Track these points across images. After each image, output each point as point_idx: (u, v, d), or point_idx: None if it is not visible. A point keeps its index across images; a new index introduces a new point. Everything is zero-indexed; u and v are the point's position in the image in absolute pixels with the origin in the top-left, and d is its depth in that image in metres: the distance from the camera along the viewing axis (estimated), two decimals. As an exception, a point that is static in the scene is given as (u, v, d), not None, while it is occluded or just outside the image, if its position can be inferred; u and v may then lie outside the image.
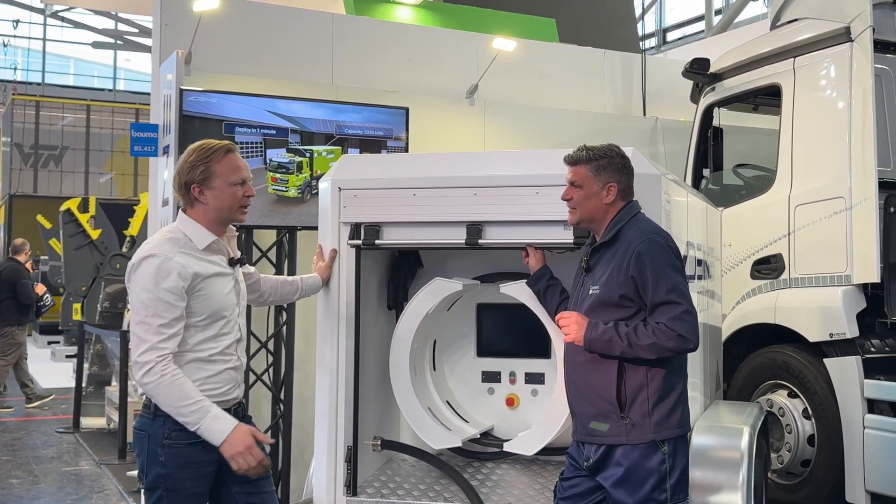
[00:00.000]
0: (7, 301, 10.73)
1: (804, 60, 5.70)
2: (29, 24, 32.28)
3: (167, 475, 3.03)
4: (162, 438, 3.03)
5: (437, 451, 3.95)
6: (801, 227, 5.53)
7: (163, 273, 2.98)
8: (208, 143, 3.19)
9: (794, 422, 5.45)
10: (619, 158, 3.28)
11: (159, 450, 3.03)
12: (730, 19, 18.23)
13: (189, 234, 3.11)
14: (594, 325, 3.11)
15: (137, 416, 3.16)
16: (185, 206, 3.17)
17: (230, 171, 3.14)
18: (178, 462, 3.03)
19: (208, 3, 5.76)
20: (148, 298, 2.97)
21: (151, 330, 2.96)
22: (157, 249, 3.03)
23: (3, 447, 8.65)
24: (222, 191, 3.13)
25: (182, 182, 3.14)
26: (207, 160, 3.12)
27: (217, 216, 3.16)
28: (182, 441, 3.02)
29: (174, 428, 3.02)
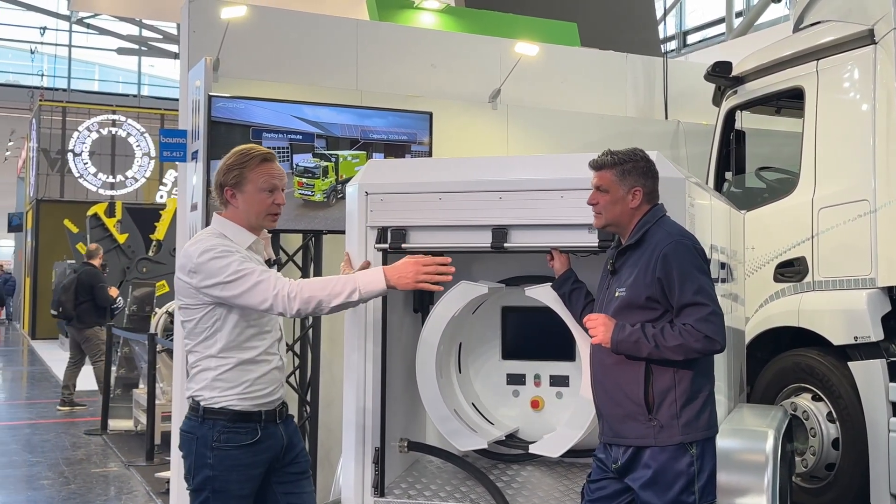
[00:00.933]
0: (85, 304, 10.89)
1: (828, 63, 5.70)
2: (55, 31, 32.66)
3: (214, 477, 3.08)
4: (211, 441, 3.08)
5: (462, 453, 3.98)
6: (825, 230, 5.52)
7: (226, 253, 3.07)
8: (249, 149, 3.27)
9: (818, 425, 5.45)
10: (644, 162, 3.31)
11: (208, 452, 3.08)
12: (750, 22, 18.17)
13: (229, 235, 3.19)
14: (621, 326, 3.14)
15: (185, 418, 3.21)
16: (220, 207, 3.25)
17: (262, 178, 3.21)
18: (227, 464, 3.09)
19: (236, 11, 5.85)
20: (234, 270, 3.03)
21: (254, 283, 3.02)
22: (212, 243, 3.12)
23: (33, 449, 8.78)
24: (252, 196, 3.20)
25: (217, 182, 3.23)
26: (242, 165, 3.19)
27: (247, 220, 3.23)
28: (231, 444, 3.09)
29: (223, 431, 3.08)
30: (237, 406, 3.11)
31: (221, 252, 3.07)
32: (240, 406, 3.12)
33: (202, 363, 3.15)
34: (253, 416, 3.14)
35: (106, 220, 14.63)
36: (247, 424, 3.12)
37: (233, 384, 3.11)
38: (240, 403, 3.12)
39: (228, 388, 3.11)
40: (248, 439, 3.10)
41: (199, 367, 3.16)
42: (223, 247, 3.10)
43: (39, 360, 17.22)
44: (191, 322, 3.16)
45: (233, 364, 3.11)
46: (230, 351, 3.11)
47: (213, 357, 3.13)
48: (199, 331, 3.14)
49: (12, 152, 30.31)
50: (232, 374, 3.10)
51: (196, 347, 3.16)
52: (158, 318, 8.78)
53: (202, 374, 3.15)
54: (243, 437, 3.09)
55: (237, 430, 3.10)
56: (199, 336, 3.14)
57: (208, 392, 3.12)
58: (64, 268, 19.15)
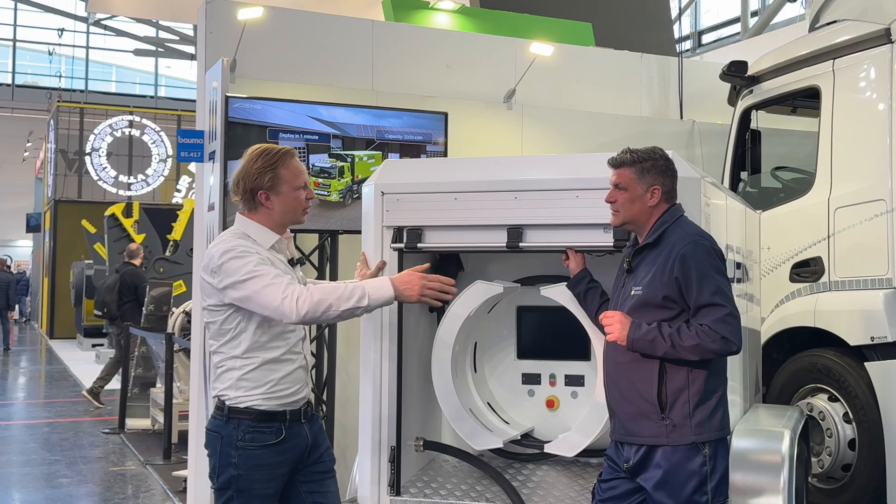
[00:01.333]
0: (130, 303, 11.01)
1: (844, 62, 5.68)
2: (73, 33, 32.88)
3: (239, 476, 3.09)
4: (236, 441, 3.10)
5: (478, 452, 4.00)
6: (841, 230, 5.50)
7: (246, 254, 3.08)
8: (271, 149, 3.25)
9: (834, 426, 5.43)
10: (664, 161, 3.31)
11: (232, 451, 3.10)
12: (766, 21, 18.10)
13: (253, 235, 3.19)
14: (637, 325, 3.14)
15: (211, 417, 3.23)
16: (247, 210, 3.24)
17: (295, 176, 3.22)
18: (251, 464, 3.10)
19: (252, 12, 5.88)
20: (248, 270, 3.04)
21: (265, 285, 3.02)
22: (234, 244, 3.12)
23: (52, 447, 8.86)
24: (288, 195, 3.21)
25: (248, 188, 3.19)
26: (274, 166, 3.18)
27: (281, 220, 3.24)
28: (255, 443, 3.10)
29: (248, 430, 3.10)
30: (262, 406, 3.12)
31: (241, 252, 3.08)
32: (265, 406, 3.13)
33: (227, 363, 3.16)
34: (277, 416, 3.15)
35: (123, 220, 14.73)
36: (271, 424, 3.13)
37: (257, 384, 3.12)
38: (265, 403, 3.13)
39: (253, 388, 3.12)
40: (273, 439, 3.12)
41: (224, 367, 3.18)
42: (243, 247, 3.11)
43: (57, 360, 17.35)
44: (215, 323, 3.18)
45: (257, 364, 3.12)
46: (255, 351, 3.12)
47: (238, 357, 3.13)
48: (223, 331, 3.15)
49: (30, 153, 30.57)
50: (256, 374, 3.11)
51: (221, 348, 3.18)
52: (175, 317, 8.85)
53: (227, 374, 3.16)
54: (268, 437, 3.10)
55: (262, 430, 3.11)
56: (224, 336, 3.15)
57: (233, 392, 3.13)
58: (81, 267, 19.35)
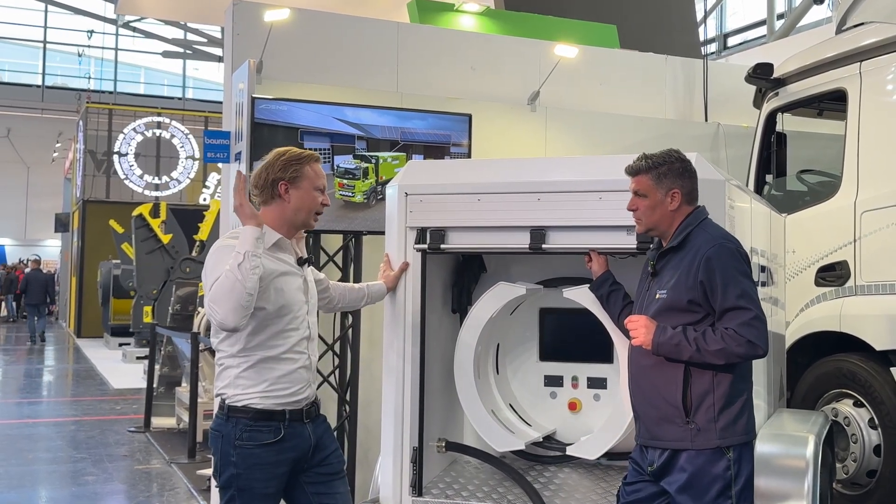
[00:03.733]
0: None
1: (871, 65, 5.63)
2: (102, 35, 33.24)
3: (238, 475, 3.11)
4: (234, 439, 3.12)
5: (500, 454, 4.00)
6: (868, 234, 5.46)
7: (226, 251, 3.08)
8: (298, 150, 3.35)
9: (859, 431, 5.38)
10: (680, 163, 3.29)
11: (231, 450, 3.12)
12: (792, 24, 17.96)
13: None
14: (662, 329, 3.13)
15: (212, 416, 3.27)
16: (262, 203, 3.27)
17: (316, 177, 3.30)
18: (249, 463, 3.12)
19: (279, 14, 5.93)
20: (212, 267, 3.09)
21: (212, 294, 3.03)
22: (220, 243, 3.19)
23: (79, 445, 8.95)
24: (307, 192, 3.27)
25: (270, 178, 3.24)
26: (300, 161, 3.27)
27: (293, 216, 3.27)
28: (253, 442, 3.11)
29: (245, 429, 3.11)
30: (259, 404, 3.13)
31: (217, 256, 3.11)
32: (262, 404, 3.13)
33: (226, 361, 3.19)
34: (276, 415, 3.15)
35: (151, 220, 14.85)
36: (269, 423, 3.14)
37: (254, 382, 3.13)
38: (262, 402, 3.13)
39: (251, 387, 3.13)
40: (271, 438, 3.12)
41: (223, 365, 3.20)
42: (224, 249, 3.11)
43: (84, 359, 17.52)
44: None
45: (254, 362, 3.14)
46: (252, 349, 3.13)
47: (235, 356, 3.15)
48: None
49: (60, 154, 30.90)
50: (253, 372, 3.13)
51: (220, 345, 3.20)
52: (201, 317, 8.91)
53: (226, 372, 3.19)
54: (266, 436, 3.11)
55: (259, 429, 3.12)
56: (222, 334, 3.16)
57: (231, 390, 3.15)
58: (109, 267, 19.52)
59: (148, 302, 14.55)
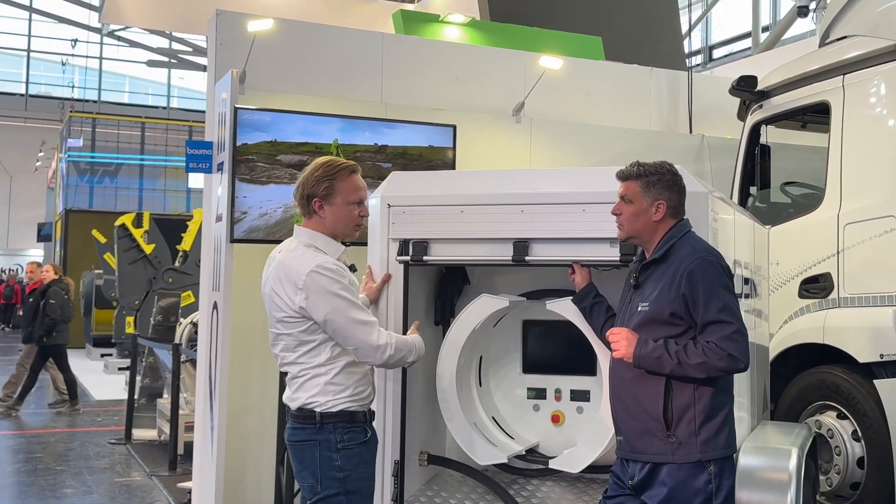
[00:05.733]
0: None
1: (854, 78, 5.66)
2: (87, 44, 33.13)
3: (347, 477, 3.21)
4: (335, 443, 3.21)
5: (482, 467, 3.97)
6: (851, 246, 5.47)
7: (337, 273, 3.21)
8: (336, 161, 3.37)
9: (843, 444, 5.38)
10: (671, 175, 3.30)
11: (335, 455, 3.21)
12: (777, 36, 18.10)
13: (321, 247, 3.30)
14: (644, 342, 3.13)
15: (290, 429, 3.32)
16: (305, 217, 3.35)
17: (351, 191, 3.33)
18: (354, 462, 3.24)
19: (262, 24, 5.91)
20: (343, 300, 3.20)
21: (366, 319, 3.24)
22: (316, 260, 3.21)
23: (57, 457, 8.86)
24: (341, 208, 3.32)
25: (305, 194, 3.31)
26: (333, 177, 3.30)
27: (332, 230, 3.34)
28: (354, 442, 3.25)
29: (345, 431, 3.23)
30: (352, 407, 3.27)
31: (329, 274, 3.20)
32: (354, 406, 3.28)
33: (310, 371, 3.26)
34: (363, 416, 3.32)
35: (133, 230, 14.76)
36: (361, 423, 3.30)
37: (344, 387, 3.26)
38: (353, 405, 3.28)
39: (341, 392, 3.25)
40: (365, 436, 3.30)
41: (307, 376, 3.27)
42: (331, 267, 3.21)
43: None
44: (291, 335, 3.26)
45: (340, 367, 3.26)
46: (337, 357, 3.26)
47: (322, 365, 3.25)
48: (303, 342, 3.25)
49: (42, 163, 30.74)
50: (342, 378, 3.25)
51: (300, 359, 3.27)
52: (183, 328, 8.84)
53: (312, 382, 3.25)
54: (360, 436, 3.27)
55: (355, 430, 3.26)
56: (304, 347, 3.25)
57: (323, 398, 3.24)
58: (91, 277, 19.38)
59: (130, 312, 14.46)
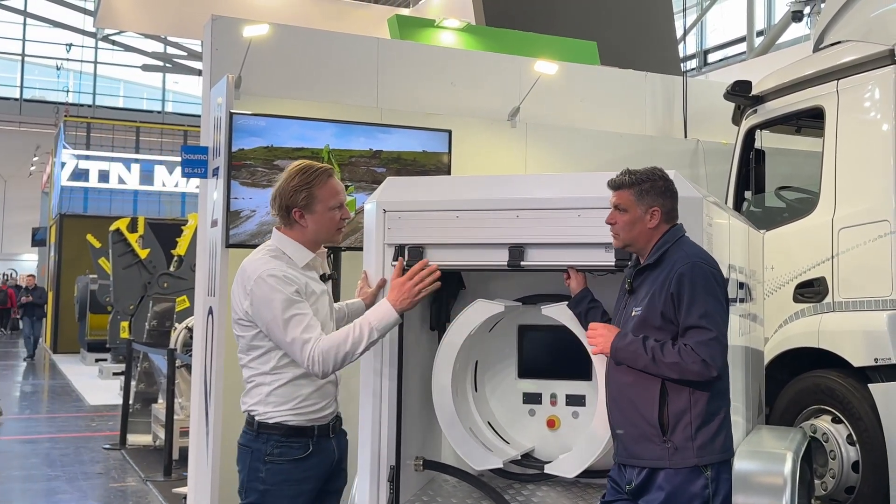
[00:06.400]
0: None
1: (848, 83, 5.68)
2: (81, 48, 33.10)
3: (267, 491, 3.12)
4: (264, 455, 3.12)
5: (478, 472, 3.97)
6: (845, 251, 5.49)
7: (283, 283, 3.09)
8: (310, 167, 3.27)
9: (838, 448, 5.40)
10: (663, 181, 3.30)
11: (261, 466, 3.12)
12: (771, 41, 18.14)
13: (289, 253, 3.21)
14: (623, 335, 3.17)
15: (242, 432, 3.25)
16: (283, 226, 3.26)
17: (330, 196, 3.25)
18: (279, 479, 3.12)
19: (258, 29, 5.91)
20: (278, 311, 3.06)
21: (294, 340, 3.07)
22: (269, 267, 3.13)
23: (52, 463, 8.83)
24: (322, 215, 3.24)
25: (283, 205, 3.23)
26: (310, 185, 3.21)
27: (315, 238, 3.27)
28: (284, 458, 3.13)
29: (277, 445, 3.12)
30: (291, 421, 3.15)
31: (274, 282, 3.09)
32: (293, 421, 3.16)
33: (257, 378, 3.19)
34: (306, 431, 3.18)
35: (128, 235, 14.73)
36: (300, 439, 3.17)
37: (286, 399, 3.15)
38: (293, 419, 3.16)
39: (282, 404, 3.15)
40: (301, 454, 3.15)
41: (254, 383, 3.21)
42: (278, 274, 3.10)
43: (60, 374, 17.34)
44: (245, 338, 3.20)
45: (287, 380, 3.16)
46: (284, 367, 3.15)
47: (268, 373, 3.16)
48: (253, 346, 3.18)
49: (37, 167, 30.68)
50: (286, 390, 3.14)
51: (251, 363, 3.21)
52: (178, 333, 8.84)
53: (257, 390, 3.19)
54: (296, 452, 3.14)
55: (290, 445, 3.14)
56: (254, 352, 3.18)
57: (262, 407, 3.16)
58: (86, 282, 19.34)
59: (125, 317, 14.42)
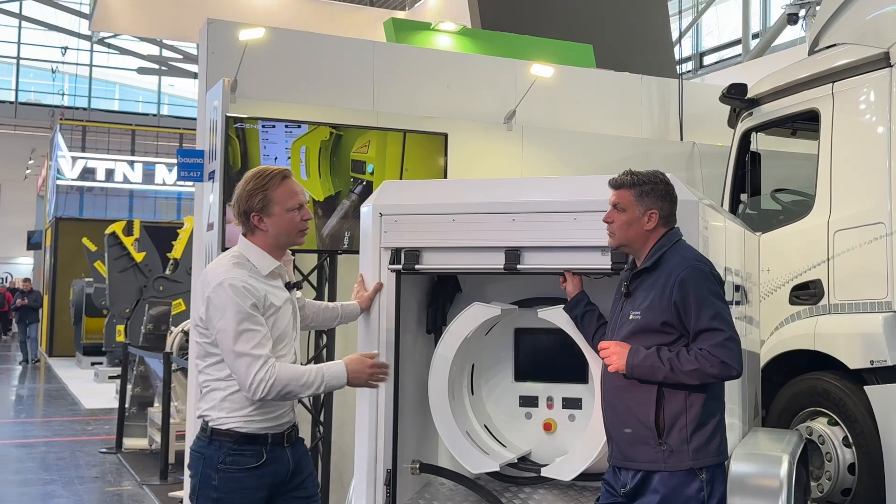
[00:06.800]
0: None
1: (843, 85, 5.70)
2: (77, 51, 33.07)
3: (219, 499, 3.07)
4: (217, 462, 3.07)
5: (474, 476, 3.97)
6: (841, 253, 5.50)
7: (241, 295, 3.03)
8: (264, 170, 3.23)
9: (834, 450, 5.40)
10: (664, 185, 3.31)
11: (213, 473, 3.07)
12: (767, 43, 18.19)
13: (253, 261, 3.16)
14: (636, 351, 3.13)
15: (195, 437, 3.21)
16: (246, 233, 3.22)
17: (287, 198, 3.19)
18: (231, 487, 3.07)
19: (254, 33, 5.91)
20: (231, 322, 3.01)
21: (242, 356, 2.99)
22: (231, 275, 3.08)
23: (48, 467, 8.81)
24: (281, 217, 3.18)
25: (241, 210, 3.19)
26: (265, 188, 3.16)
27: (276, 241, 3.22)
28: (236, 466, 3.07)
29: (229, 452, 3.07)
30: (243, 428, 3.10)
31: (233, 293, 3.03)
32: (246, 428, 3.10)
33: (212, 384, 3.15)
34: (259, 439, 3.12)
35: (124, 238, 14.72)
36: (252, 447, 3.11)
37: (240, 406, 3.10)
38: (246, 426, 3.10)
39: (235, 410, 3.10)
40: (254, 462, 3.09)
41: (208, 388, 3.16)
42: (237, 285, 3.05)
43: (56, 378, 17.30)
44: (201, 344, 3.16)
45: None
46: None
47: (223, 379, 3.11)
48: (210, 353, 3.14)
49: (32, 171, 30.63)
50: (240, 396, 3.08)
51: (207, 369, 3.16)
52: (174, 336, 8.82)
53: (211, 395, 3.14)
54: (249, 460, 3.08)
55: (242, 453, 3.09)
56: (211, 358, 3.13)
57: (216, 413, 3.11)
58: (82, 285, 19.31)
59: (121, 321, 14.41)
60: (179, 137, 24.34)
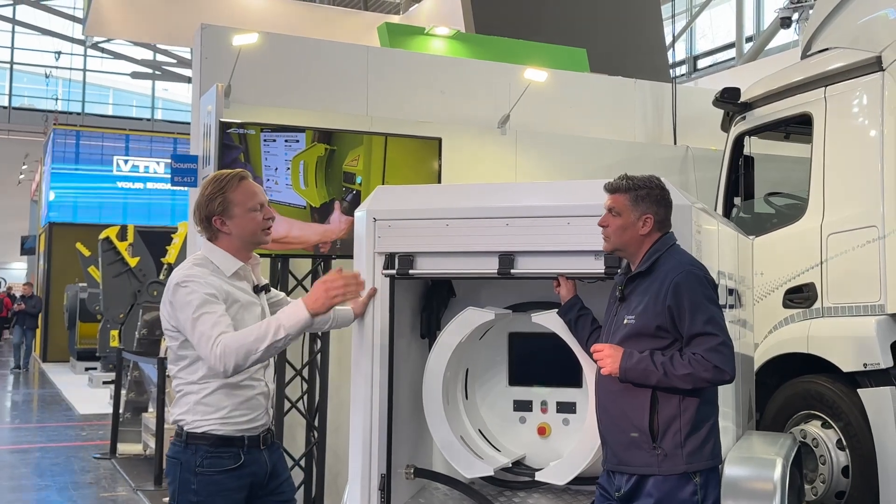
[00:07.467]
0: None
1: (836, 89, 5.72)
2: (70, 56, 33.02)
3: (198, 503, 3.07)
4: (194, 466, 3.06)
5: (469, 480, 3.97)
6: (834, 256, 5.52)
7: (198, 286, 3.04)
8: (221, 174, 3.24)
9: (827, 453, 5.41)
10: (659, 190, 3.32)
11: (192, 477, 3.07)
12: (760, 47, 18.25)
13: (216, 262, 3.16)
14: (629, 354, 3.14)
15: (171, 444, 3.20)
16: (210, 238, 3.21)
17: (247, 197, 3.19)
18: (211, 490, 3.07)
19: (247, 38, 5.91)
20: (189, 311, 3.01)
21: (202, 336, 2.99)
22: (189, 273, 3.08)
23: (42, 472, 8.79)
24: (242, 218, 3.18)
25: (203, 216, 3.18)
26: (223, 190, 3.16)
27: (241, 243, 3.21)
28: (214, 469, 3.07)
29: (206, 455, 3.06)
30: (219, 431, 3.09)
31: (190, 287, 3.04)
32: (222, 431, 3.10)
33: (185, 388, 3.14)
34: (235, 441, 3.12)
35: (118, 243, 14.69)
36: (229, 449, 3.10)
37: (215, 408, 3.09)
38: (221, 428, 3.10)
39: (210, 413, 3.09)
40: (232, 464, 3.09)
41: (182, 392, 3.15)
42: (195, 278, 3.06)
43: (50, 383, 17.25)
44: (172, 348, 3.16)
45: (214, 388, 3.09)
46: (212, 377, 3.08)
47: (195, 382, 3.11)
48: (180, 356, 3.13)
49: (26, 175, 30.56)
50: (213, 399, 3.08)
51: (179, 373, 3.15)
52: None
53: (185, 399, 3.13)
54: (226, 462, 3.08)
55: (220, 455, 3.08)
56: (182, 362, 3.13)
57: (190, 416, 3.11)
58: (75, 290, 19.26)
59: (115, 326, 14.37)
60: (173, 142, 24.27)
